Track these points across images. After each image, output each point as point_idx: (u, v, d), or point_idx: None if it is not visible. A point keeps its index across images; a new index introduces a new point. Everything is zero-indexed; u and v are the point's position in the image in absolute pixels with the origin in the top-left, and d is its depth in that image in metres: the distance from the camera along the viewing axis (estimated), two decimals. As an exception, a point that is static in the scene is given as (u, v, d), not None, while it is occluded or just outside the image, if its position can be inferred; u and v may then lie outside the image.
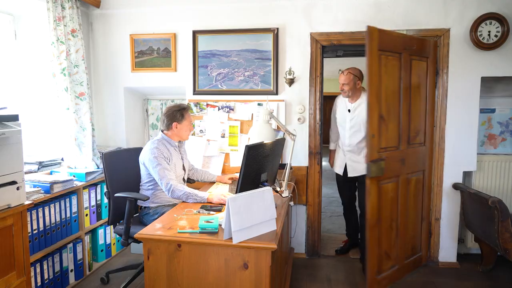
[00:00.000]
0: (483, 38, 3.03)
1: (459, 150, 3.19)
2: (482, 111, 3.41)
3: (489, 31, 3.02)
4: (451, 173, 3.22)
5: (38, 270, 2.58)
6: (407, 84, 2.73)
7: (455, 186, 3.19)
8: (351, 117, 3.15)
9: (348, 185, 3.41)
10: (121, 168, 2.78)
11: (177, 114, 2.60)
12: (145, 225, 2.51)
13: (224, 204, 2.23)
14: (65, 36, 3.07)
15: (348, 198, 3.51)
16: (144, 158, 2.55)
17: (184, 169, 2.72)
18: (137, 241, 2.23)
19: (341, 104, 3.28)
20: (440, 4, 3.11)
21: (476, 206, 2.91)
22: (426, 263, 3.27)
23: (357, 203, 3.41)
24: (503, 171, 3.33)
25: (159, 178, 2.43)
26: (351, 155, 3.21)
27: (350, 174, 3.24)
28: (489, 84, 3.34)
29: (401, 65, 2.68)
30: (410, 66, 2.74)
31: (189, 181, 3.05)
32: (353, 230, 3.57)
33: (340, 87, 3.16)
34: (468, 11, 3.07)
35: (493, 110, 3.47)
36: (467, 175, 3.35)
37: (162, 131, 2.67)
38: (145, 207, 2.63)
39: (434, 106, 3.14)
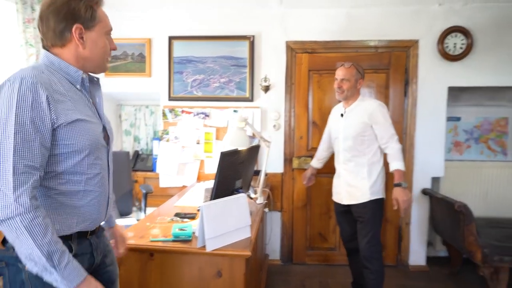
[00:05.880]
0: (449, 50, 3.17)
1: (428, 157, 3.31)
2: (449, 119, 3.56)
3: (455, 43, 3.17)
4: (420, 179, 3.33)
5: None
6: None
7: (424, 192, 3.30)
8: (345, 124, 2.49)
9: (348, 218, 2.59)
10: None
11: (81, 8, 1.16)
12: None
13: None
14: (35, 39, 2.97)
15: (350, 236, 2.64)
16: None
17: (106, 133, 1.30)
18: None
19: (336, 113, 2.67)
20: (409, 17, 3.24)
21: (444, 211, 3.02)
22: (397, 266, 3.37)
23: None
24: (468, 177, 3.48)
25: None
26: (346, 176, 2.52)
27: (345, 201, 2.53)
28: (455, 93, 3.49)
29: None
30: None
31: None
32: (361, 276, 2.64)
33: (337, 84, 2.47)
34: (435, 23, 3.21)
35: (458, 119, 3.63)
36: (435, 180, 3.47)
37: (46, 49, 1.21)
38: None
39: (402, 113, 3.27)
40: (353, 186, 2.48)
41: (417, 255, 3.38)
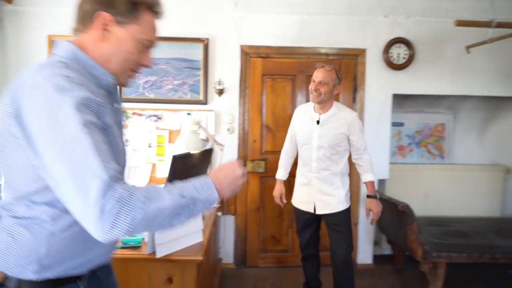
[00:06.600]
0: (394, 59, 3.37)
1: (374, 160, 3.42)
2: (393, 124, 3.77)
3: (399, 53, 3.37)
4: (367, 181, 3.48)
5: None
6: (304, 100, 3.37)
7: (371, 193, 3.46)
8: (320, 133, 2.42)
9: (312, 226, 2.59)
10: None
11: None
12: None
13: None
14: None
15: (309, 243, 2.64)
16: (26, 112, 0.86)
17: (124, 153, 1.13)
18: None
19: (304, 115, 2.54)
20: (358, 27, 3.39)
21: (388, 211, 3.19)
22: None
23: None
24: (410, 179, 3.71)
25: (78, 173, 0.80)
26: (320, 185, 2.46)
27: (319, 211, 2.47)
28: (399, 100, 3.71)
29: (295, 85, 3.40)
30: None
31: None
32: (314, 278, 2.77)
33: (314, 86, 2.35)
34: (381, 34, 3.39)
35: (402, 124, 3.86)
36: (381, 182, 3.66)
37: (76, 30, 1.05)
38: None
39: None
40: (328, 195, 2.46)
41: (364, 254, 3.53)
